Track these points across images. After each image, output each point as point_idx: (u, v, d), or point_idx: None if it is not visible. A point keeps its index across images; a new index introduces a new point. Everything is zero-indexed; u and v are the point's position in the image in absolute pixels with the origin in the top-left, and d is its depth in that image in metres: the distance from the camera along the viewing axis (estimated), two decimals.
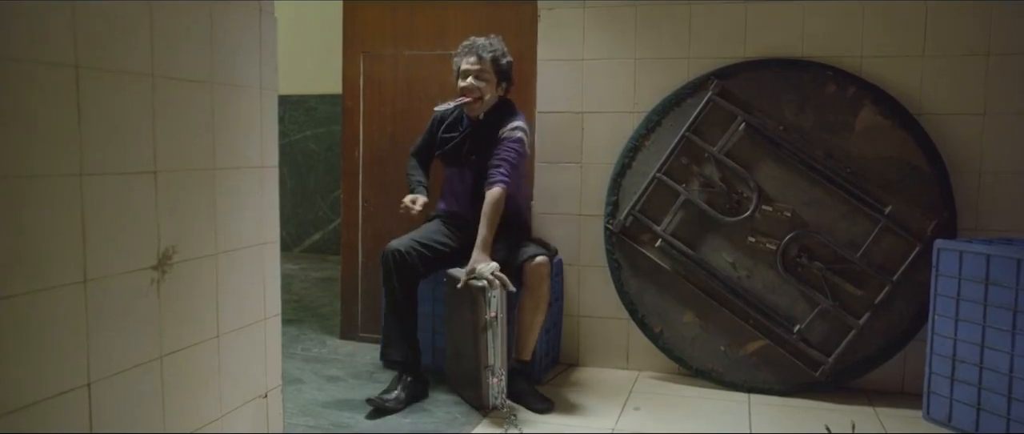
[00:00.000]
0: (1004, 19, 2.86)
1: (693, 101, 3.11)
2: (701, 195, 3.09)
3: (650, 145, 3.17)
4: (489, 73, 2.97)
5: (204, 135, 1.97)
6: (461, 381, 2.93)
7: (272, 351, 2.33)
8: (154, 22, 1.76)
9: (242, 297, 2.15)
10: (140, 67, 1.73)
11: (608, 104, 3.28)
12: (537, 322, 2.88)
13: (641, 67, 3.22)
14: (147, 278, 1.76)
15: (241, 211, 2.14)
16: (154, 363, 1.80)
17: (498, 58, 2.97)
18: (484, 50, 2.95)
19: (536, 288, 2.86)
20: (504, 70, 3.01)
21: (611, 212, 3.22)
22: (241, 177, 2.14)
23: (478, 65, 2.95)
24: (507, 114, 3.07)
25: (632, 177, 3.20)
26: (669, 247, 3.13)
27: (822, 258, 2.99)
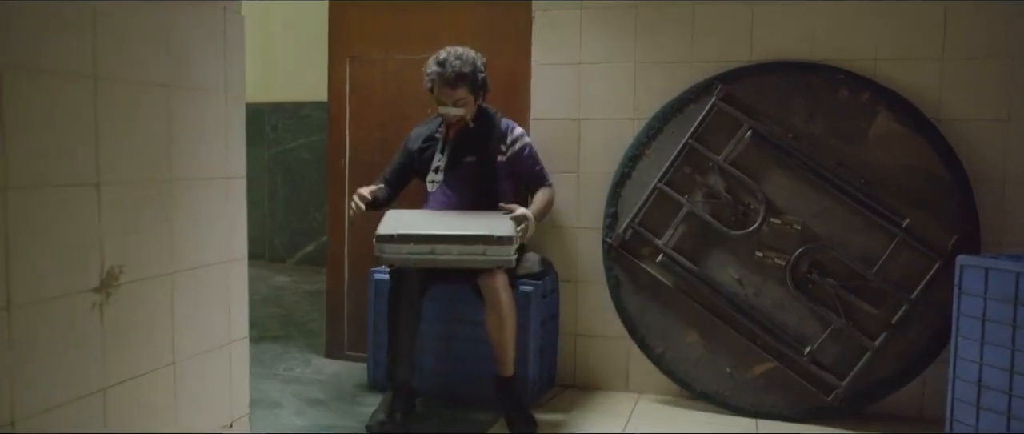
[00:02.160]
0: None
1: (696, 107, 2.94)
2: (705, 207, 2.91)
3: (651, 154, 3.00)
4: (466, 96, 2.84)
5: (159, 143, 1.80)
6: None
7: (238, 377, 2.16)
8: (98, 19, 1.59)
9: (203, 320, 1.98)
10: (80, 68, 1.56)
11: (606, 110, 3.11)
12: (506, 337, 2.73)
13: (641, 71, 3.05)
14: (87, 302, 1.59)
15: (203, 226, 1.97)
16: (96, 396, 1.63)
17: (471, 77, 2.82)
18: (457, 79, 2.79)
19: (495, 303, 2.73)
20: (480, 85, 2.86)
21: (610, 225, 3.04)
22: (203, 189, 1.97)
23: (453, 94, 2.81)
24: (490, 116, 2.97)
25: (632, 187, 3.02)
26: (671, 262, 2.95)
27: (835, 274, 2.80)
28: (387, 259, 2.63)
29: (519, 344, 2.87)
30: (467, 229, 2.60)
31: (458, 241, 2.56)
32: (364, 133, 3.44)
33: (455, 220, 2.70)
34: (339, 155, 3.47)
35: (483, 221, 2.66)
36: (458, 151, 2.91)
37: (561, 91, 3.16)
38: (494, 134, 2.94)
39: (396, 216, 2.72)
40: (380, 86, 3.40)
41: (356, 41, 3.41)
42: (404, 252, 2.59)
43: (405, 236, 2.57)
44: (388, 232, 2.59)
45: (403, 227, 2.61)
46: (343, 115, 3.46)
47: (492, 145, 2.93)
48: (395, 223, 2.64)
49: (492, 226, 2.60)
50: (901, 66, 2.80)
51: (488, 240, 2.54)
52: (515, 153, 2.95)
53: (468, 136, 2.92)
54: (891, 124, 2.78)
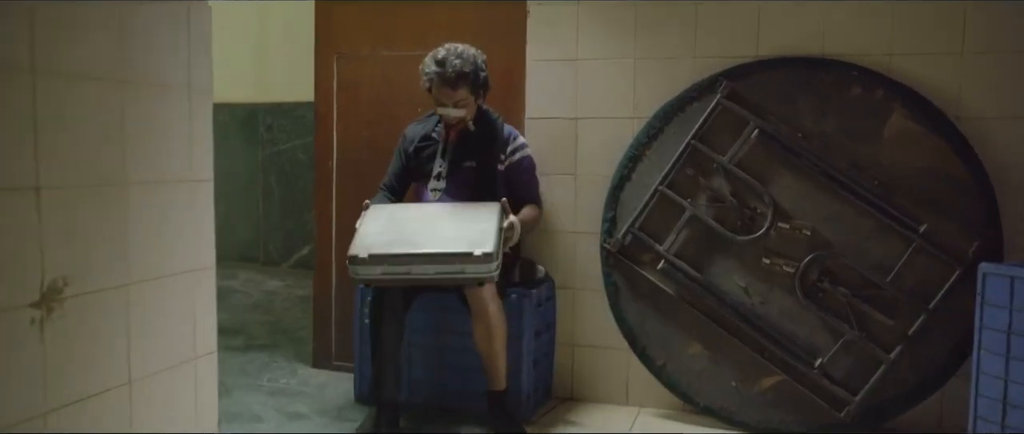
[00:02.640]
0: None
1: (699, 105, 2.78)
2: (709, 211, 2.75)
3: (652, 154, 2.85)
4: (467, 97, 2.68)
5: (110, 143, 1.65)
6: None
7: (205, 395, 2.00)
8: (36, 6, 1.44)
9: (164, 334, 1.84)
10: (16, 59, 1.41)
11: (605, 109, 2.95)
12: (496, 350, 2.59)
13: (642, 68, 2.90)
14: (25, 318, 1.44)
15: (164, 233, 1.83)
16: (36, 421, 1.48)
17: (473, 76, 2.66)
18: (458, 79, 2.63)
19: (482, 314, 2.59)
20: (482, 84, 2.71)
21: (608, 229, 2.89)
22: (164, 193, 1.83)
23: (454, 95, 2.65)
24: (492, 121, 2.81)
25: (632, 190, 2.87)
26: (673, 269, 2.79)
27: (847, 282, 2.64)
28: (361, 280, 2.47)
29: (512, 356, 2.72)
30: (446, 244, 2.42)
31: (435, 260, 2.40)
32: (352, 133, 3.30)
33: (438, 224, 2.53)
34: (326, 156, 3.32)
35: (467, 226, 2.49)
36: (458, 155, 2.76)
37: (557, 89, 3.01)
38: (496, 139, 2.79)
39: (372, 224, 2.55)
40: (368, 84, 3.25)
41: (344, 37, 3.26)
42: (378, 272, 2.43)
43: (377, 257, 2.41)
44: (358, 253, 2.42)
45: (377, 245, 2.44)
46: (330, 114, 3.31)
47: (494, 151, 2.78)
48: (368, 239, 2.48)
49: (474, 238, 2.42)
50: (917, 61, 2.64)
51: (467, 258, 2.37)
52: (514, 163, 2.81)
53: (469, 139, 2.77)
54: (907, 122, 2.61)
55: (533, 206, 2.83)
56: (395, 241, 2.47)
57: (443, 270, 2.42)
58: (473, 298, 2.58)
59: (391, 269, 2.43)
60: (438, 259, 2.41)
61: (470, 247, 2.40)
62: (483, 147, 2.78)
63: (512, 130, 2.87)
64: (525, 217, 2.73)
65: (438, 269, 2.42)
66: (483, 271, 2.41)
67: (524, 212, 2.76)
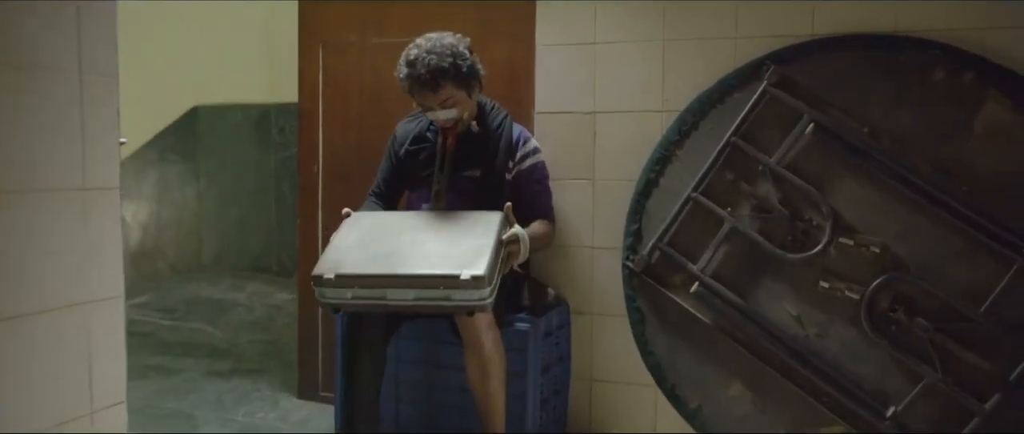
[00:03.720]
0: None
1: (742, 95, 2.31)
2: (753, 223, 2.28)
3: (684, 155, 2.38)
4: (455, 94, 2.24)
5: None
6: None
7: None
8: None
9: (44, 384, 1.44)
10: None
11: (628, 101, 2.51)
12: (492, 389, 2.16)
13: (672, 52, 2.44)
14: None
15: (41, 256, 1.43)
16: None
17: (456, 71, 2.22)
18: (435, 77, 2.18)
19: (475, 346, 2.17)
20: (469, 76, 2.26)
21: (632, 244, 2.43)
22: (42, 205, 1.44)
23: (437, 96, 2.21)
24: (499, 120, 2.41)
25: (660, 198, 2.41)
26: (709, 293, 2.32)
27: (928, 313, 2.13)
28: (328, 305, 2.05)
29: (513, 396, 2.29)
30: (429, 263, 1.99)
31: (414, 283, 1.97)
32: (340, 133, 2.89)
33: (426, 237, 2.10)
34: (311, 160, 2.93)
35: (460, 241, 2.05)
36: (458, 164, 2.32)
37: (571, 79, 2.57)
38: (504, 142, 2.35)
39: (347, 237, 2.14)
40: (356, 76, 2.85)
41: (330, 24, 2.86)
42: (347, 297, 2.01)
43: (346, 278, 1.99)
44: (323, 272, 2.00)
45: (347, 262, 2.02)
46: (316, 112, 2.92)
47: (500, 157, 2.34)
48: (338, 255, 2.06)
49: (465, 256, 1.98)
50: (1019, 37, 2.11)
51: (453, 282, 1.93)
52: (523, 171, 2.38)
53: (471, 143, 2.34)
54: (1005, 114, 2.09)
55: (544, 221, 2.38)
56: (370, 258, 2.05)
57: (425, 296, 1.98)
58: (465, 328, 2.14)
59: (363, 293, 2.01)
60: (418, 282, 1.98)
61: (458, 268, 1.96)
62: (488, 152, 2.34)
63: (523, 132, 2.43)
64: (535, 233, 2.28)
65: (419, 294, 1.99)
66: (473, 298, 1.97)
67: (533, 226, 2.31)
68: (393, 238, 2.11)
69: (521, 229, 2.16)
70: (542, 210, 2.40)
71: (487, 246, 2.02)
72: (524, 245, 2.14)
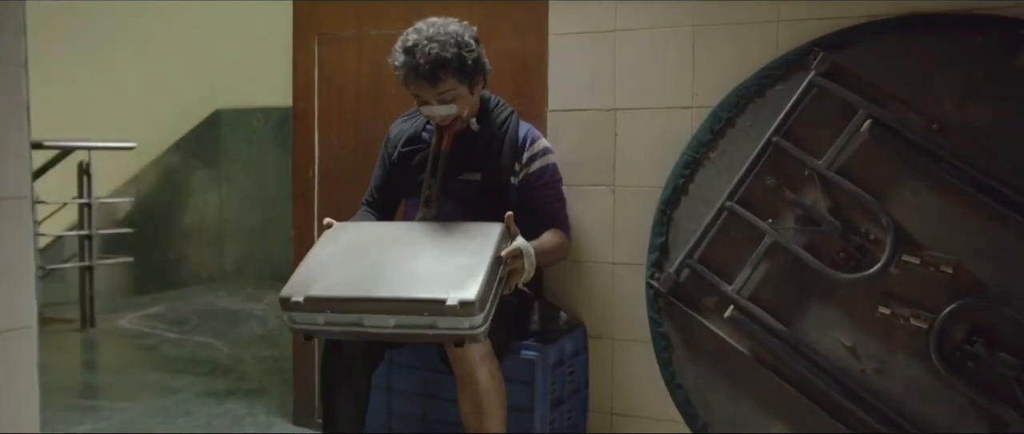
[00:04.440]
0: None
1: (785, 88, 2.00)
2: (799, 237, 1.97)
3: (717, 158, 2.07)
4: (456, 87, 1.97)
5: None
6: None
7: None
8: None
9: None
10: None
11: (653, 96, 2.21)
12: (491, 429, 1.88)
13: (704, 38, 2.14)
14: None
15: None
16: None
17: (459, 62, 1.95)
18: (435, 68, 1.90)
19: (468, 381, 1.88)
20: (473, 69, 1.98)
21: (657, 260, 2.12)
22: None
23: (435, 89, 1.95)
24: (504, 117, 2.13)
25: (689, 207, 2.10)
26: (747, 318, 2.00)
27: (1013, 346, 1.78)
28: (299, 331, 1.79)
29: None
30: (413, 285, 1.71)
31: (395, 308, 1.69)
32: (337, 135, 2.64)
33: (413, 253, 1.81)
34: (306, 164, 2.68)
35: (451, 259, 1.77)
36: (455, 166, 2.04)
37: (589, 72, 2.28)
38: (509, 142, 2.07)
39: (323, 252, 1.87)
40: (354, 71, 2.59)
41: (326, 15, 2.61)
42: (320, 322, 1.74)
43: (316, 300, 1.72)
44: (292, 294, 1.73)
45: (320, 282, 1.75)
46: (311, 112, 2.66)
47: (505, 158, 2.05)
48: (310, 274, 1.79)
49: (454, 277, 1.69)
50: None
51: (438, 307, 1.65)
52: (532, 175, 2.09)
53: (470, 143, 2.06)
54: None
55: (557, 232, 2.08)
56: (347, 278, 1.78)
57: (407, 323, 1.71)
58: (456, 360, 1.85)
59: (337, 319, 1.74)
60: (399, 307, 1.70)
61: (445, 291, 1.67)
62: (490, 153, 2.05)
63: (531, 130, 2.14)
64: (544, 245, 1.98)
65: (400, 321, 1.71)
66: (462, 327, 1.68)
67: (543, 238, 2.01)
68: (376, 254, 1.84)
69: (525, 242, 1.86)
70: (554, 219, 2.10)
71: (481, 265, 1.72)
72: (529, 261, 1.84)
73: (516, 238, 1.85)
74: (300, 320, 1.76)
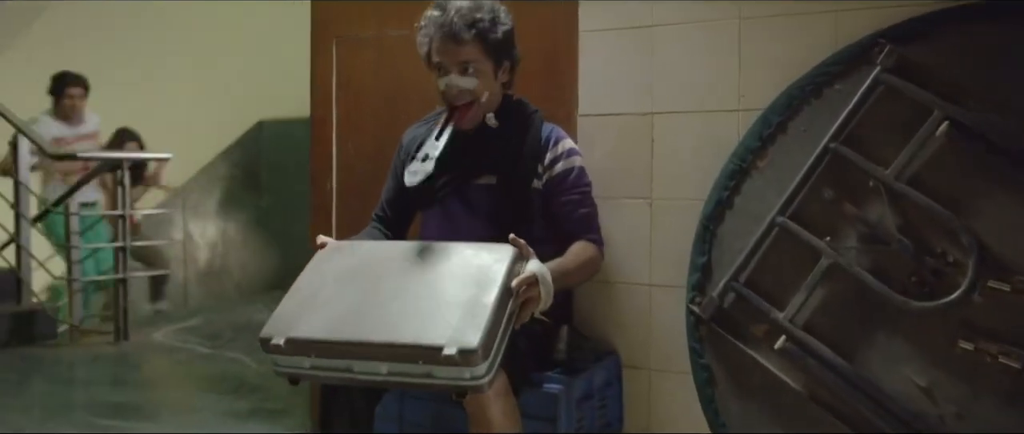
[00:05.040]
0: None
1: (844, 87, 1.80)
2: (863, 257, 1.76)
3: (767, 167, 1.87)
4: (480, 59, 1.79)
5: None
6: None
7: None
8: None
9: None
10: None
11: (694, 99, 2.01)
12: None
13: (751, 32, 1.94)
14: None
15: None
16: None
17: (489, 29, 1.79)
18: (464, 22, 1.75)
19: (479, 419, 1.64)
20: (502, 45, 1.80)
21: (699, 282, 1.92)
22: None
23: (459, 52, 1.77)
24: (526, 116, 1.92)
25: (735, 223, 1.91)
26: (801, 350, 1.77)
27: None
28: (283, 375, 1.60)
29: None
30: (406, 328, 1.49)
31: (386, 353, 1.48)
32: (356, 142, 2.50)
33: (409, 284, 1.60)
34: (324, 175, 2.55)
35: (454, 291, 1.55)
36: (470, 165, 1.85)
37: (623, 72, 2.09)
38: (531, 141, 1.87)
39: (309, 282, 1.67)
40: (372, 75, 2.45)
41: (344, 15, 2.47)
42: (306, 366, 1.55)
43: (299, 343, 1.52)
44: (272, 335, 1.54)
45: (304, 321, 1.55)
46: (329, 120, 2.53)
47: (526, 160, 1.86)
48: (293, 310, 1.59)
49: (455, 316, 1.48)
50: None
51: (434, 355, 1.44)
52: (555, 178, 1.86)
53: (487, 142, 1.86)
54: None
55: (585, 244, 1.86)
56: (335, 316, 1.56)
57: (400, 371, 1.49)
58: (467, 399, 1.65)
59: (323, 363, 1.54)
60: (391, 352, 1.48)
61: (443, 336, 1.45)
62: (508, 154, 1.85)
63: (555, 129, 1.93)
64: (567, 265, 1.75)
65: (393, 369, 1.50)
66: (463, 377, 1.46)
67: (570, 253, 1.79)
68: (367, 285, 1.62)
69: (541, 266, 1.63)
70: (582, 228, 1.87)
71: (486, 301, 1.50)
72: (546, 288, 1.62)
73: (530, 260, 1.63)
74: (283, 363, 1.57)
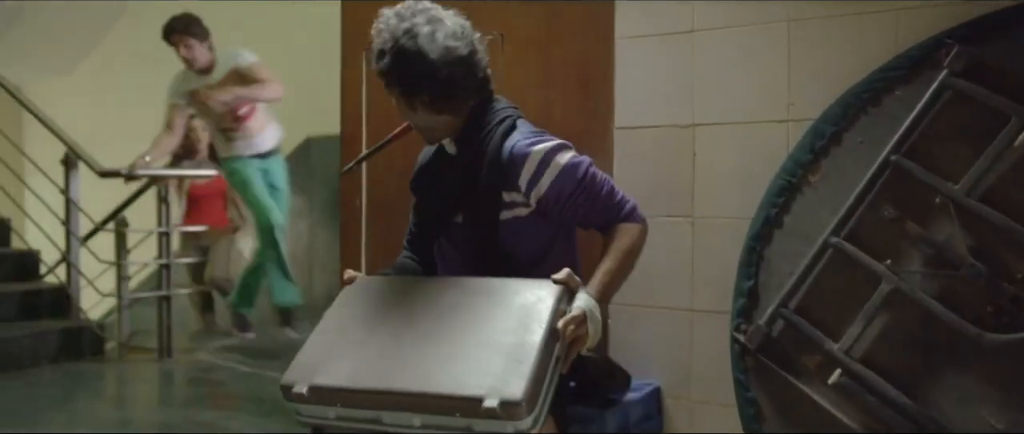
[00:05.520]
0: None
1: (907, 93, 1.66)
2: (929, 283, 1.60)
3: (819, 183, 1.72)
4: (393, 91, 1.61)
5: None
6: None
7: None
8: None
9: None
10: None
11: (739, 109, 1.88)
12: None
13: (801, 35, 1.81)
14: None
15: None
16: None
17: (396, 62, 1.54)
18: (376, 56, 1.58)
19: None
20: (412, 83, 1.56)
21: (745, 309, 1.79)
22: None
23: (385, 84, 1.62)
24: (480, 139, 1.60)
25: (784, 243, 1.77)
26: (859, 385, 1.61)
27: None
28: (308, 425, 1.47)
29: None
30: (441, 375, 1.34)
31: (419, 404, 1.34)
32: (385, 161, 2.39)
33: (443, 325, 1.45)
34: (354, 193, 2.47)
35: (493, 333, 1.39)
36: (444, 203, 1.69)
37: (662, 80, 1.97)
38: (488, 169, 1.58)
39: (334, 322, 1.54)
40: None
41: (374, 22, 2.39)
42: (330, 416, 1.41)
43: (323, 392, 1.40)
44: (294, 382, 1.41)
45: (329, 367, 1.42)
46: (359, 135, 2.46)
47: (484, 193, 1.59)
48: (316, 354, 1.46)
49: (495, 363, 1.32)
50: None
51: (473, 408, 1.29)
52: (547, 198, 1.56)
53: (451, 175, 1.67)
54: None
55: (620, 231, 1.57)
56: (362, 361, 1.41)
57: (435, 424, 1.34)
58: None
59: (349, 413, 1.40)
60: (424, 403, 1.34)
61: (483, 385, 1.30)
62: (467, 187, 1.61)
63: (518, 142, 1.55)
64: (611, 272, 1.50)
65: (427, 421, 1.34)
66: (506, 432, 1.31)
67: (607, 259, 1.53)
68: (400, 326, 1.46)
69: (588, 301, 1.42)
70: (610, 219, 1.59)
71: (531, 346, 1.33)
72: (594, 325, 1.41)
73: (578, 294, 1.45)
74: (307, 413, 1.43)
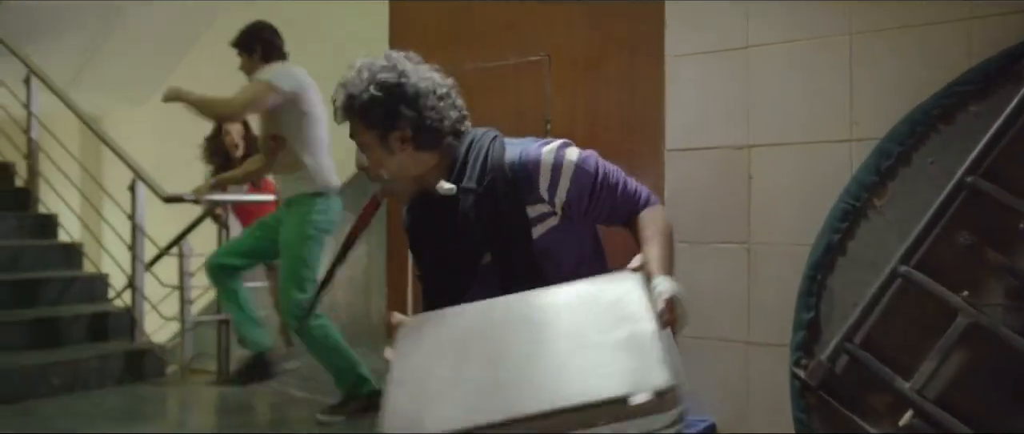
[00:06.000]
0: None
1: (982, 109, 1.57)
2: (1011, 316, 1.47)
3: (886, 207, 1.61)
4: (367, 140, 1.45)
5: None
6: None
7: None
8: None
9: None
10: None
11: (798, 129, 1.79)
12: None
13: (865, 51, 1.71)
14: None
15: None
16: None
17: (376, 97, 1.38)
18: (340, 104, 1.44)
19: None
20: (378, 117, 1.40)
21: (805, 342, 1.68)
22: None
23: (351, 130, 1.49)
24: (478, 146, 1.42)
25: (848, 272, 1.68)
26: (932, 428, 1.47)
27: None
28: None
29: None
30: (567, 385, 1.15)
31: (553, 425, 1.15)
32: None
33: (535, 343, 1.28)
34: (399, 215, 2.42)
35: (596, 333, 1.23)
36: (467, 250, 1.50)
37: (715, 99, 1.90)
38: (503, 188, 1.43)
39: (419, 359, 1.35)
40: None
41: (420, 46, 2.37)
42: None
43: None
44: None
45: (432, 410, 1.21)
46: None
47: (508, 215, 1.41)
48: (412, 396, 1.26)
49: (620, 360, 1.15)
50: None
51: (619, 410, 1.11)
52: (570, 201, 1.38)
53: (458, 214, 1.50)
54: None
55: (649, 217, 1.44)
56: (466, 396, 1.20)
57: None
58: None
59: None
60: (557, 422, 1.15)
61: (618, 384, 1.12)
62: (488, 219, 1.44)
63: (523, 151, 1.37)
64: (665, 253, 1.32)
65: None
66: (656, 428, 1.13)
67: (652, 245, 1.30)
68: (486, 352, 1.27)
69: (673, 285, 1.27)
70: (632, 207, 1.45)
71: (648, 333, 1.16)
72: (683, 308, 1.28)
73: (656, 280, 1.29)
74: None
